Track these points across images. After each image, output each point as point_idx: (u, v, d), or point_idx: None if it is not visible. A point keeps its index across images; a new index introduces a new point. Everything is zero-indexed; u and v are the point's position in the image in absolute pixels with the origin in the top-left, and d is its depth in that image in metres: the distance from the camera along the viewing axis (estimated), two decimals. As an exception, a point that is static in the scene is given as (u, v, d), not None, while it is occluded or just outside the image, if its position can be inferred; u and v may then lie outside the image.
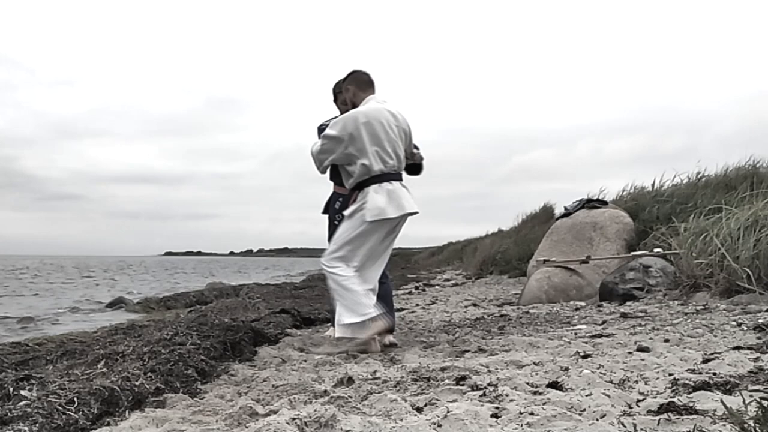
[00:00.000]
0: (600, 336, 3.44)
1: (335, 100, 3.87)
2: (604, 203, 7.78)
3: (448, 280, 13.68)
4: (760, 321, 3.32)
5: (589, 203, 7.63)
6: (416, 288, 10.26)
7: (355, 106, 3.49)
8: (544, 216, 13.86)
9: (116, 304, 9.81)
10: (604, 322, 4.14)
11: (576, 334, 3.62)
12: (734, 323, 3.42)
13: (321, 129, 3.75)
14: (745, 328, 3.22)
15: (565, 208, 7.95)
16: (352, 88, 3.55)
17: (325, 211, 3.99)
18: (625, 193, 9.55)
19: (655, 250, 6.09)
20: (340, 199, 3.73)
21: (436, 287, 10.07)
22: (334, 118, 3.68)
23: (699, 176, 9.10)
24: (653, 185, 9.18)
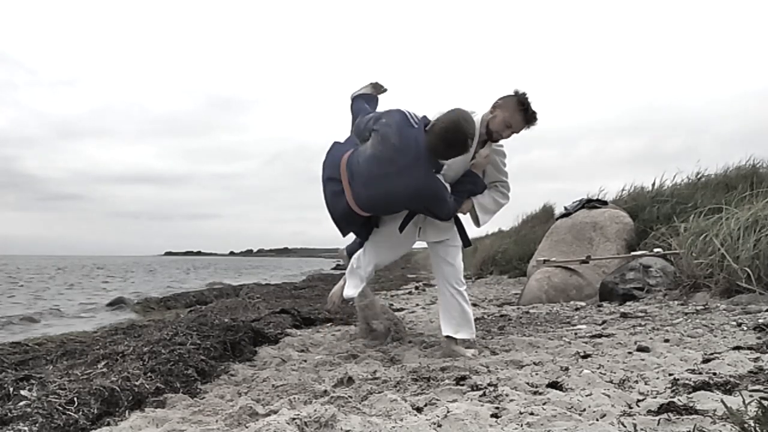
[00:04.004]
0: (600, 336, 3.44)
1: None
2: (604, 203, 7.78)
3: (448, 280, 13.61)
4: (760, 321, 3.32)
5: (589, 203, 7.63)
6: (416, 288, 10.24)
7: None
8: (544, 216, 13.85)
9: (116, 304, 9.81)
10: (604, 322, 4.14)
11: (576, 334, 3.62)
12: (734, 323, 3.42)
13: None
14: (745, 328, 3.22)
15: (565, 208, 7.94)
16: None
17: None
18: (625, 193, 9.55)
19: (655, 250, 6.09)
20: None
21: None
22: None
23: (699, 176, 9.12)
24: (653, 185, 9.19)
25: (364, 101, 3.57)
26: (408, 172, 2.89)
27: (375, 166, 2.93)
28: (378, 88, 3.67)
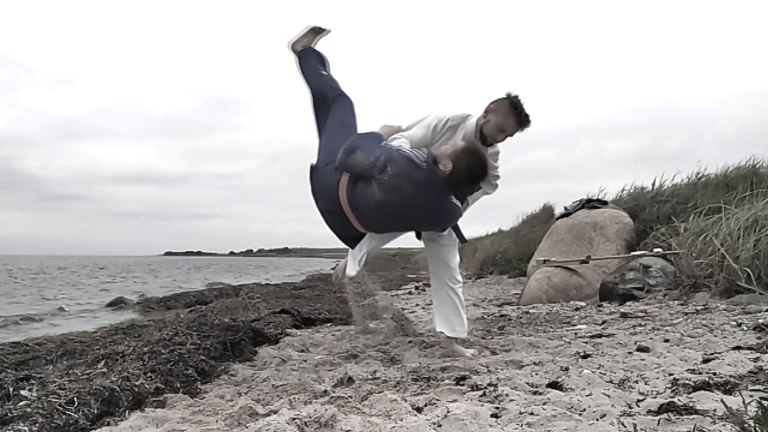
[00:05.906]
0: (600, 336, 3.44)
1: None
2: (604, 203, 7.78)
3: (448, 280, 13.61)
4: (760, 321, 3.32)
5: (589, 203, 7.63)
6: (416, 288, 10.24)
7: None
8: (544, 216, 13.86)
9: (116, 304, 9.82)
10: (604, 322, 4.14)
11: (576, 334, 3.62)
12: (734, 323, 3.42)
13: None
14: (745, 328, 3.22)
15: (565, 208, 7.94)
16: None
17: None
18: (625, 193, 9.56)
19: (655, 250, 6.09)
20: None
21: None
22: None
23: (699, 176, 9.12)
24: (653, 185, 9.19)
25: (317, 63, 3.48)
26: (430, 209, 2.94)
27: (390, 209, 2.92)
28: (319, 31, 3.53)
